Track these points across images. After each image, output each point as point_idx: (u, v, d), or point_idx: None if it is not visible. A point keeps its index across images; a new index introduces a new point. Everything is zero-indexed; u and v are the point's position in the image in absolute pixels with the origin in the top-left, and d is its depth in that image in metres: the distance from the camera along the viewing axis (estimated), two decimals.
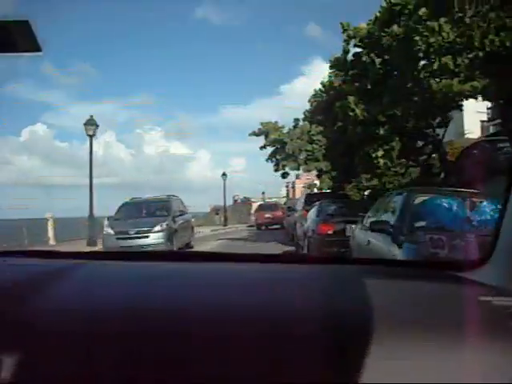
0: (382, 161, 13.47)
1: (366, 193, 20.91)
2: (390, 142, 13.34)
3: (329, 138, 16.34)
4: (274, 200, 46.38)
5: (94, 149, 18.56)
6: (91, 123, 17.99)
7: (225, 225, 37.11)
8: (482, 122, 34.78)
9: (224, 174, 38.42)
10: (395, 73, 13.30)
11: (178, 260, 1.40)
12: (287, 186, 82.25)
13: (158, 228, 13.10)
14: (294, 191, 76.28)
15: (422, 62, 12.25)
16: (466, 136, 27.43)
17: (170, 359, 0.80)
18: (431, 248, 4.49)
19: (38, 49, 1.17)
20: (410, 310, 0.90)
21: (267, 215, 31.27)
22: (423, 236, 4.81)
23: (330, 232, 10.16)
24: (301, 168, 19.26)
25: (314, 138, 18.11)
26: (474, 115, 31.19)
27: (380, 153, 13.59)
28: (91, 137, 17.99)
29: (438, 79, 11.73)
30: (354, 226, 9.84)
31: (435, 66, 11.49)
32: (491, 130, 32.34)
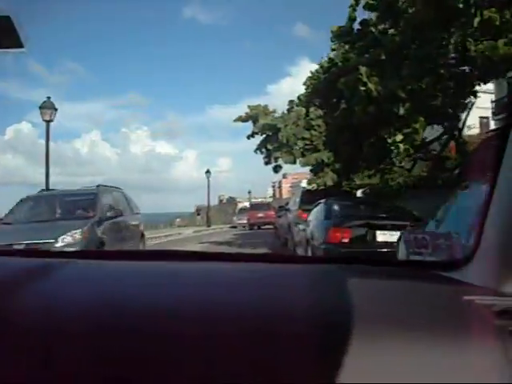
0: (402, 147, 10.80)
1: (358, 192, 18.44)
2: (412, 123, 10.68)
3: (330, 122, 13.58)
4: (259, 200, 46.40)
5: (80, 147, 15.47)
6: (48, 106, 15.19)
7: (208, 225, 35.54)
8: (482, 118, 32.84)
9: (208, 172, 36.65)
10: (416, 39, 10.72)
11: (163, 259, 1.31)
12: (273, 186, 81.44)
13: (67, 239, 7.98)
14: (280, 191, 75.17)
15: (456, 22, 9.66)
16: (467, 132, 25.26)
17: (155, 359, 0.78)
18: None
19: (20, 45, 1.18)
20: (395, 309, 0.90)
21: (260, 215, 31.55)
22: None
23: (345, 240, 7.51)
24: (297, 161, 16.10)
25: (313, 122, 15.24)
26: (474, 110, 28.65)
27: (399, 137, 10.93)
28: (48, 122, 15.20)
29: (477, 41, 9.18)
30: (379, 232, 7.49)
31: (475, 24, 8.94)
32: (492, 125, 30.51)
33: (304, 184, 27.16)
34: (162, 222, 37.18)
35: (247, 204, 41.86)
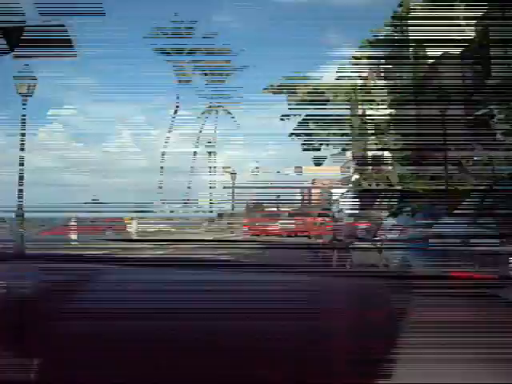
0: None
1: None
2: None
3: (401, 91, 9.88)
4: (282, 206, 44.59)
5: (109, 149, 12.58)
6: (24, 76, 11.96)
7: (232, 232, 32.70)
8: None
9: (233, 173, 33.61)
10: None
11: (192, 267, 1.37)
12: (302, 192, 79.14)
13: None
14: (309, 197, 72.68)
15: None
16: None
17: (168, 363, 0.85)
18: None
19: (73, 55, 1.35)
20: (442, 327, 0.88)
21: (299, 223, 28.66)
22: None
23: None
24: (350, 149, 12.09)
25: (377, 92, 11.50)
26: None
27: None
28: (25, 97, 12.00)
29: None
30: None
31: None
32: None
33: (337, 191, 23.62)
34: (189, 225, 35.84)
35: (275, 209, 39.55)
